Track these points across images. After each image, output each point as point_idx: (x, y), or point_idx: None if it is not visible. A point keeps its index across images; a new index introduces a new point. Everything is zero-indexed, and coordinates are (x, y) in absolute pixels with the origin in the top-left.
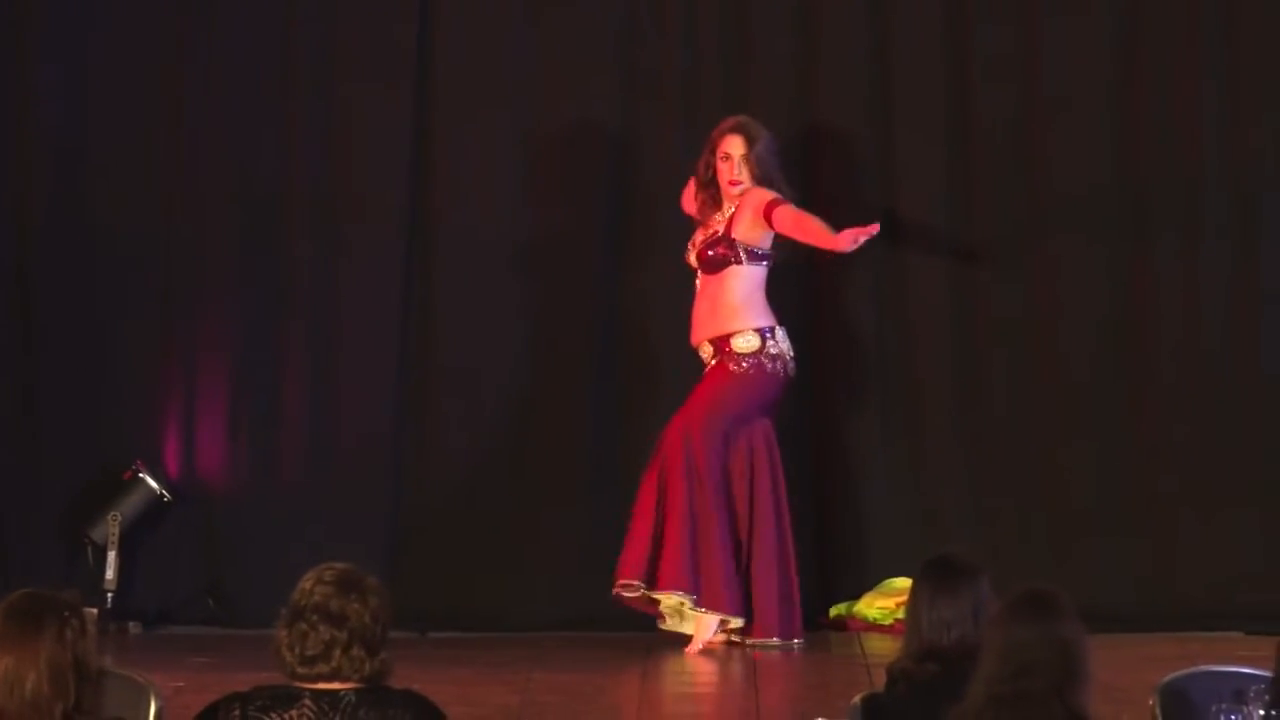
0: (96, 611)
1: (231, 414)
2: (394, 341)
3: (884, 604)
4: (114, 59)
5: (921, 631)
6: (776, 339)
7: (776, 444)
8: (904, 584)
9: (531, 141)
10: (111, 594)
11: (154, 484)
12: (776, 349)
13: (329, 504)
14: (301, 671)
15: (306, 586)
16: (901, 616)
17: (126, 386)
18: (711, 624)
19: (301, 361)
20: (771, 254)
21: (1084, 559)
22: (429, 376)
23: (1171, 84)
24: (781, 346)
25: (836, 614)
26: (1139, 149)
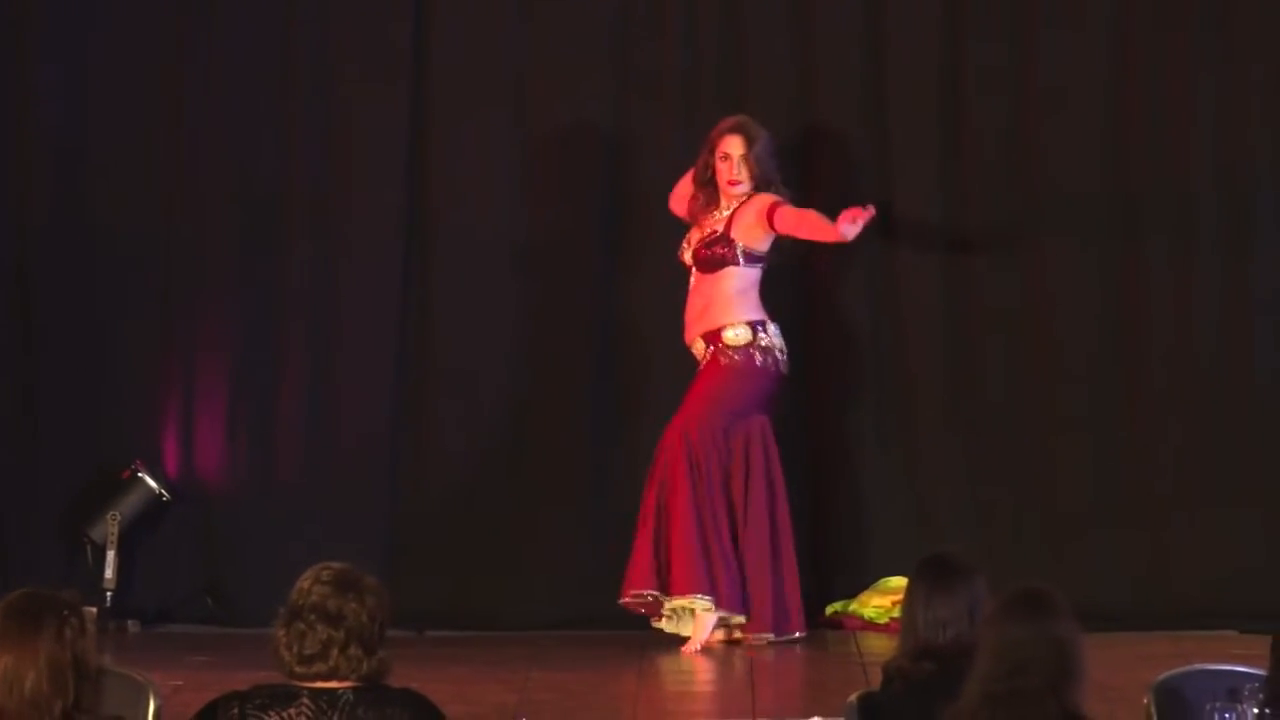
0: (95, 610)
1: (230, 414)
2: (392, 341)
3: (880, 603)
4: (114, 59)
5: (917, 630)
6: (768, 333)
7: (774, 441)
8: (900, 583)
9: (528, 141)
10: (110, 593)
11: (153, 483)
12: (767, 342)
13: (327, 503)
14: (299, 671)
15: (304, 586)
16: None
17: (126, 386)
18: (709, 623)
19: (300, 362)
20: (768, 256)
21: (1079, 558)
22: (427, 376)
23: (1164, 87)
24: (773, 341)
25: (833, 613)
26: (1133, 151)
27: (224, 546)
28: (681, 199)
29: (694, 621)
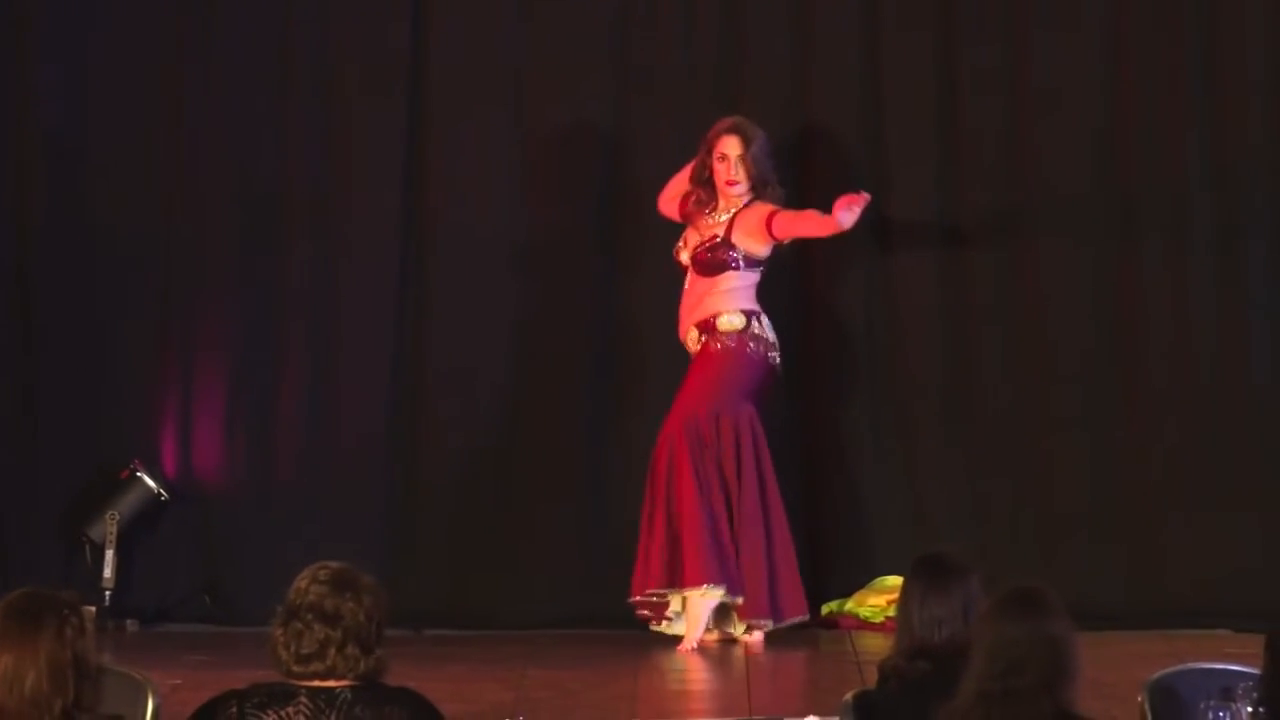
0: (94, 609)
1: (229, 414)
2: (390, 341)
3: (875, 602)
4: (113, 59)
5: (913, 629)
6: (761, 325)
7: (762, 432)
8: (895, 582)
9: (527, 141)
10: (109, 592)
11: (151, 483)
12: (760, 332)
13: (325, 503)
14: (297, 670)
15: (302, 585)
16: (893, 614)
17: (125, 386)
18: (703, 618)
19: (298, 361)
20: (767, 261)
21: (1073, 557)
22: (425, 376)
23: (1159, 88)
24: (766, 334)
25: (829, 612)
26: (1128, 151)
27: (222, 546)
28: (671, 201)
29: (688, 616)
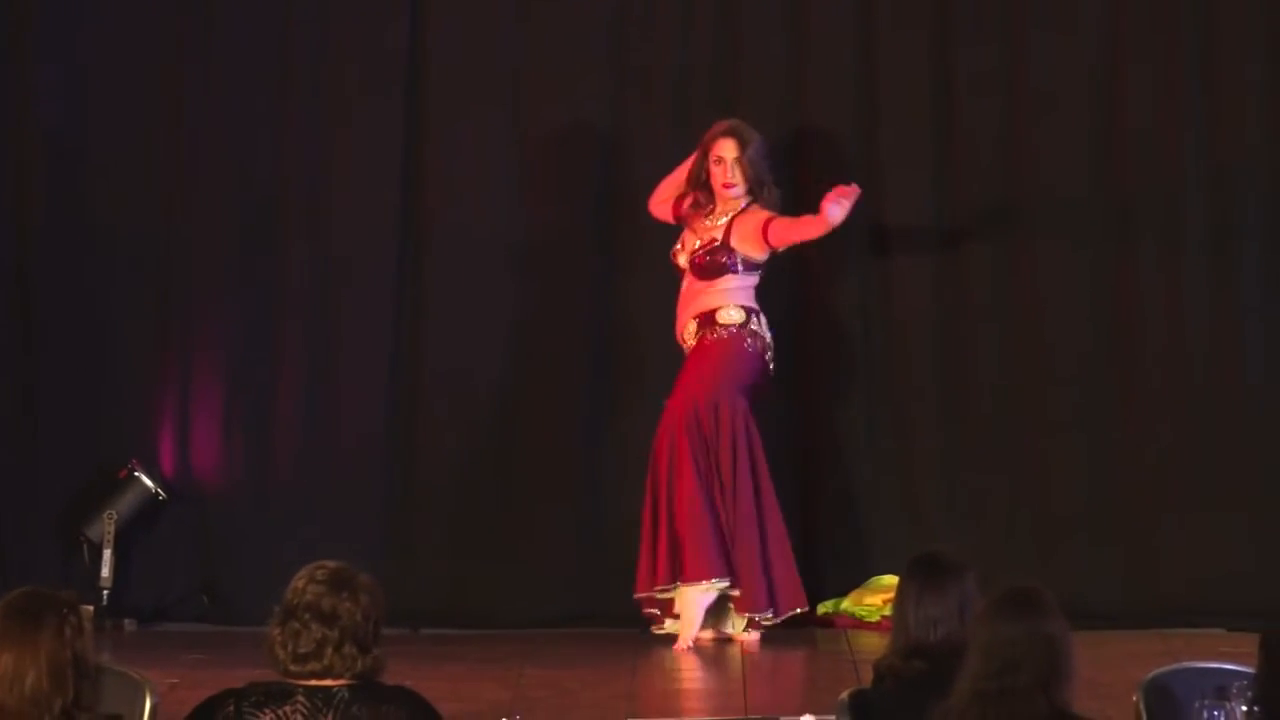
0: (92, 609)
1: (227, 414)
2: (388, 341)
3: (871, 601)
4: (113, 60)
5: (908, 629)
6: (760, 323)
7: (755, 426)
8: (891, 581)
9: (524, 141)
10: (107, 591)
11: (149, 483)
12: (759, 329)
13: (323, 503)
14: (294, 669)
15: (299, 585)
16: (889, 613)
17: (123, 386)
18: (699, 616)
19: (296, 361)
20: (765, 265)
21: (1068, 557)
22: (422, 376)
23: (1155, 90)
24: (763, 332)
25: (824, 611)
26: (1124, 153)
27: (220, 545)
28: (663, 203)
29: (682, 614)
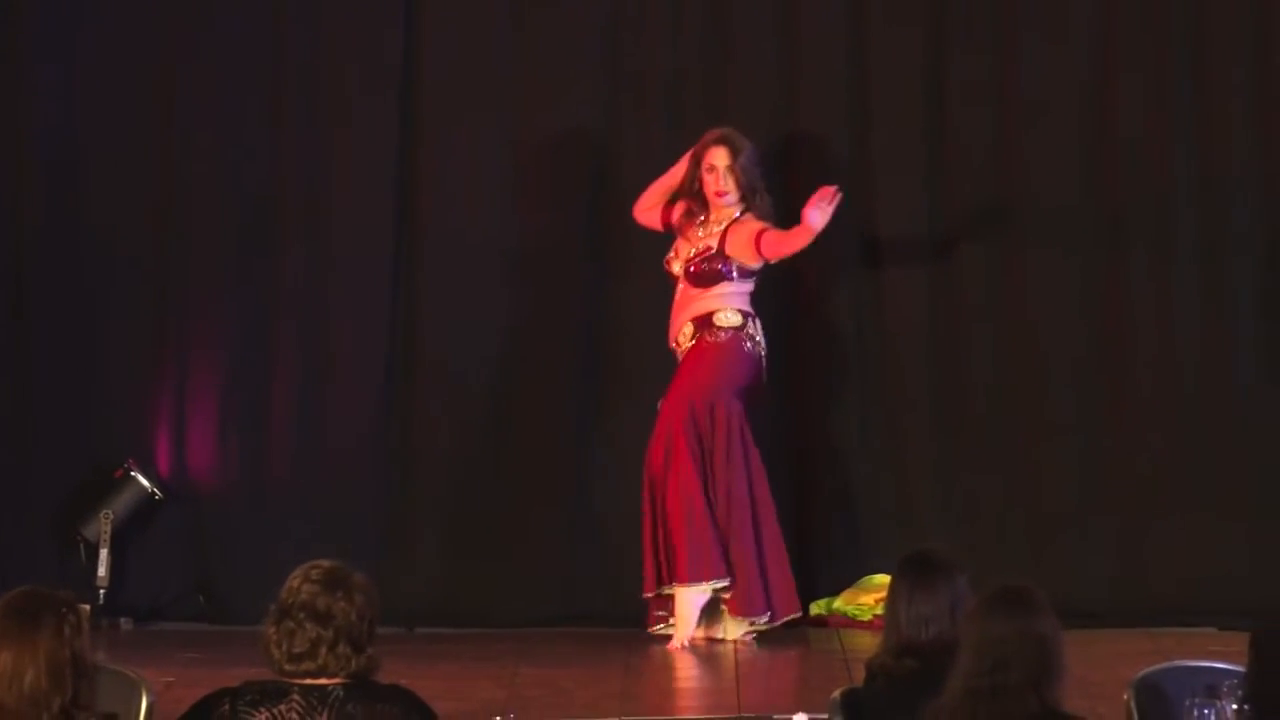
0: (89, 608)
1: (222, 414)
2: (382, 343)
3: (864, 600)
4: (107, 60)
5: (900, 627)
6: (756, 327)
7: (749, 427)
8: (883, 580)
9: (518, 147)
10: (103, 590)
11: (145, 482)
12: (755, 332)
13: (318, 502)
14: (289, 668)
15: (294, 584)
16: (880, 612)
17: (119, 386)
18: (694, 615)
19: (291, 362)
20: (759, 272)
21: (1059, 557)
22: (416, 378)
23: (1145, 97)
24: (759, 336)
25: (817, 611)
26: (1114, 163)
27: (215, 545)
28: (649, 210)
29: (678, 614)
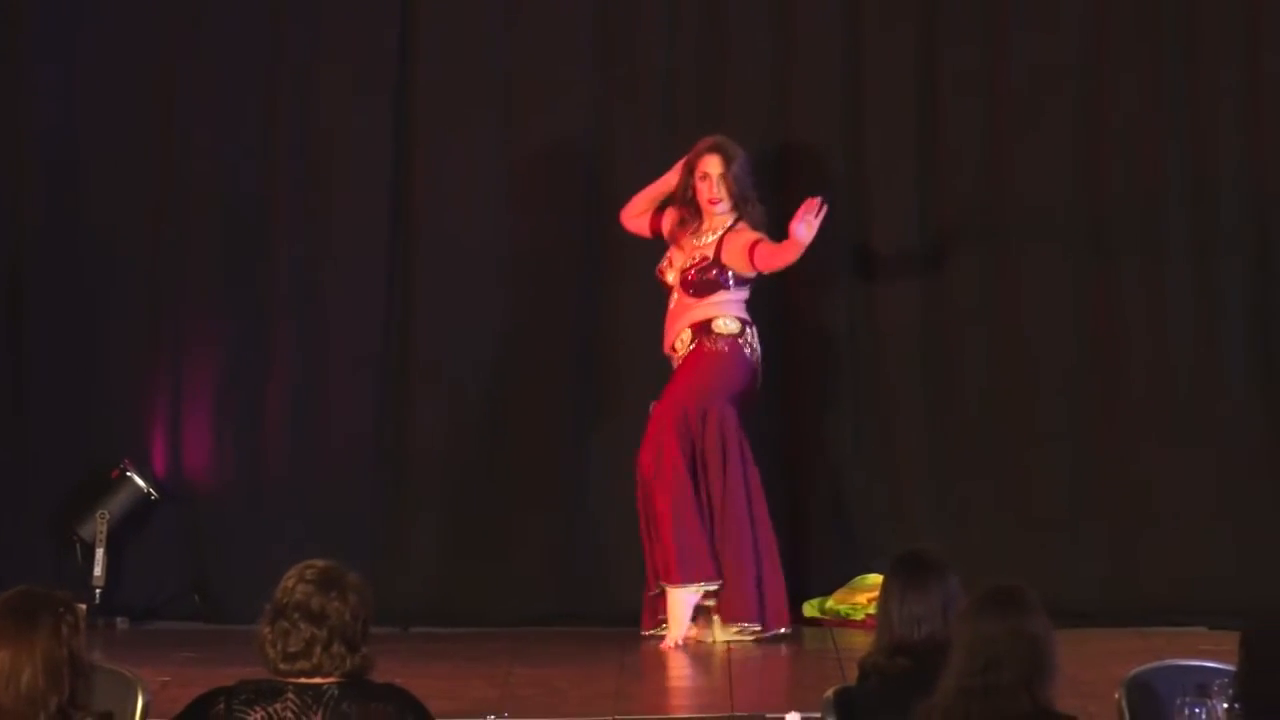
0: (85, 607)
1: (218, 414)
2: (377, 344)
3: (856, 599)
4: (104, 61)
5: (893, 627)
6: (753, 335)
7: (746, 439)
8: (875, 580)
9: (513, 148)
10: (99, 590)
11: (141, 483)
12: (753, 340)
13: (313, 502)
14: (284, 667)
15: (289, 584)
16: (873, 612)
17: (115, 386)
18: (687, 614)
19: (287, 363)
20: (754, 279)
21: (1051, 558)
22: (411, 379)
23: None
24: (756, 344)
25: (810, 610)
26: (1106, 165)
27: (211, 545)
28: (637, 217)
29: (670, 614)
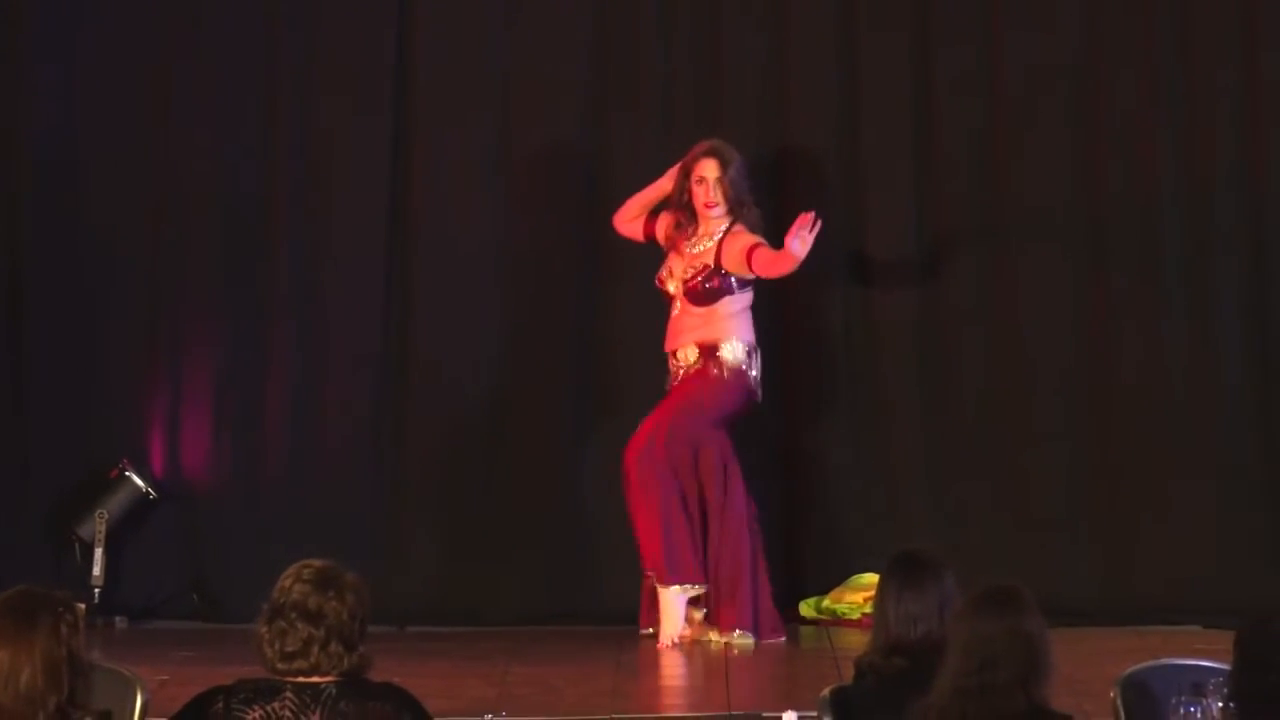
0: (84, 607)
1: (216, 414)
2: (375, 344)
3: (852, 599)
4: (104, 62)
5: (889, 626)
6: (756, 359)
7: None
8: (871, 579)
9: (511, 149)
10: (98, 590)
11: (140, 482)
12: (755, 369)
13: (311, 502)
14: (281, 667)
15: (286, 584)
16: (869, 611)
17: (114, 386)
18: (680, 612)
19: (285, 362)
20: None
21: (1046, 556)
22: (410, 377)
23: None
24: (756, 370)
25: (806, 610)
26: (1102, 167)
27: (209, 544)
28: (630, 221)
29: (663, 613)
